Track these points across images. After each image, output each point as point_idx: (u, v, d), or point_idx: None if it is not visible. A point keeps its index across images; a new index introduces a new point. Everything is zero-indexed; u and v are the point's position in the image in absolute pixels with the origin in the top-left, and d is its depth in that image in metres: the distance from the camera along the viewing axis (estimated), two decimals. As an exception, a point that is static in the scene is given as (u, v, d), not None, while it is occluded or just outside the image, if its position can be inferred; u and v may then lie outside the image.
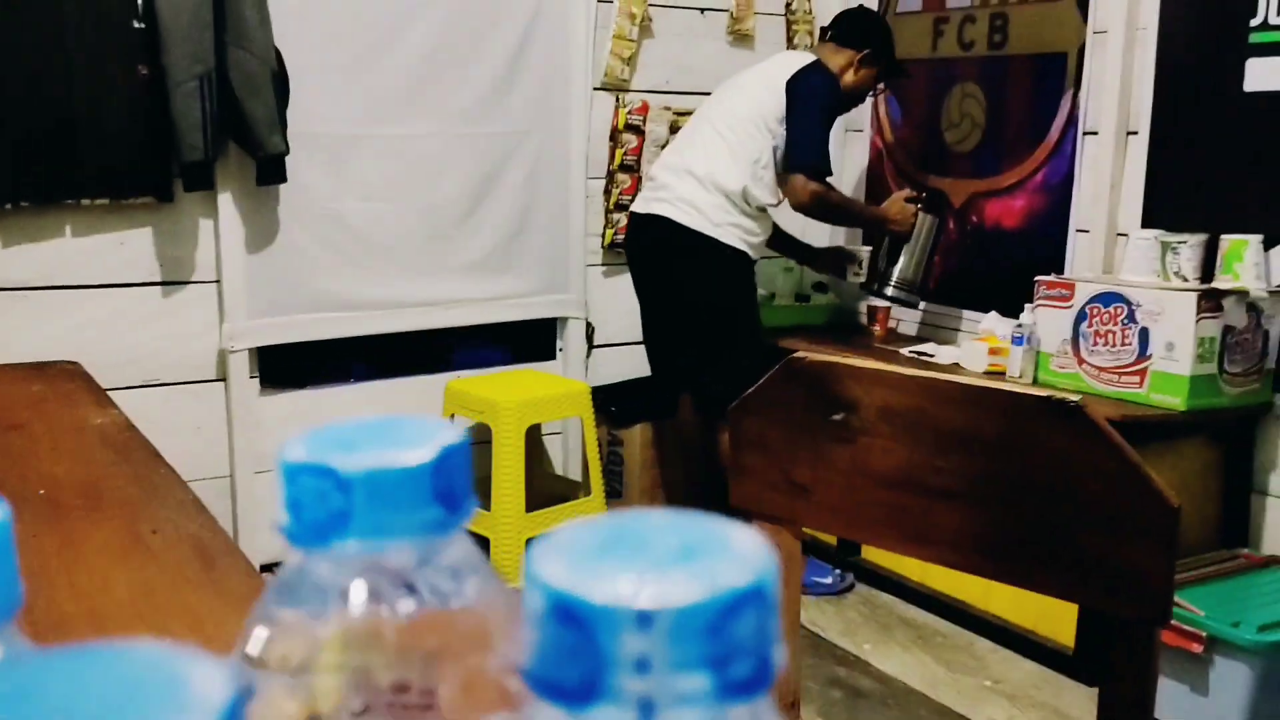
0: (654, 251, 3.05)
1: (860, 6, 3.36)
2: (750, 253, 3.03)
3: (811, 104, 2.96)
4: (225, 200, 2.90)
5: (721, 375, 2.98)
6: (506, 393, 3.10)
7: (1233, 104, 2.73)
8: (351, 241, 3.11)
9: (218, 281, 2.96)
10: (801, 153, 2.95)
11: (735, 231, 2.96)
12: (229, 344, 2.97)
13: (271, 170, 2.85)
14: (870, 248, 3.45)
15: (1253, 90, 2.70)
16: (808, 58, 3.07)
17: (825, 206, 3.04)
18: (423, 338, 3.34)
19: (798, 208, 3.01)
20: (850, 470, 1.29)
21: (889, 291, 3.28)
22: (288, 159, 2.88)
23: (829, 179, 3.03)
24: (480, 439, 3.30)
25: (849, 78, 3.09)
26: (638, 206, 3.11)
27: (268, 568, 3.14)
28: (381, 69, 3.08)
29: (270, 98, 2.77)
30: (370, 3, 3.03)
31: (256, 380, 3.08)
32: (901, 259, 3.28)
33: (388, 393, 3.29)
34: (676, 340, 3.09)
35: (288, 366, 3.15)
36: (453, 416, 3.22)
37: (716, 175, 2.94)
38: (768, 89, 2.98)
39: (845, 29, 3.14)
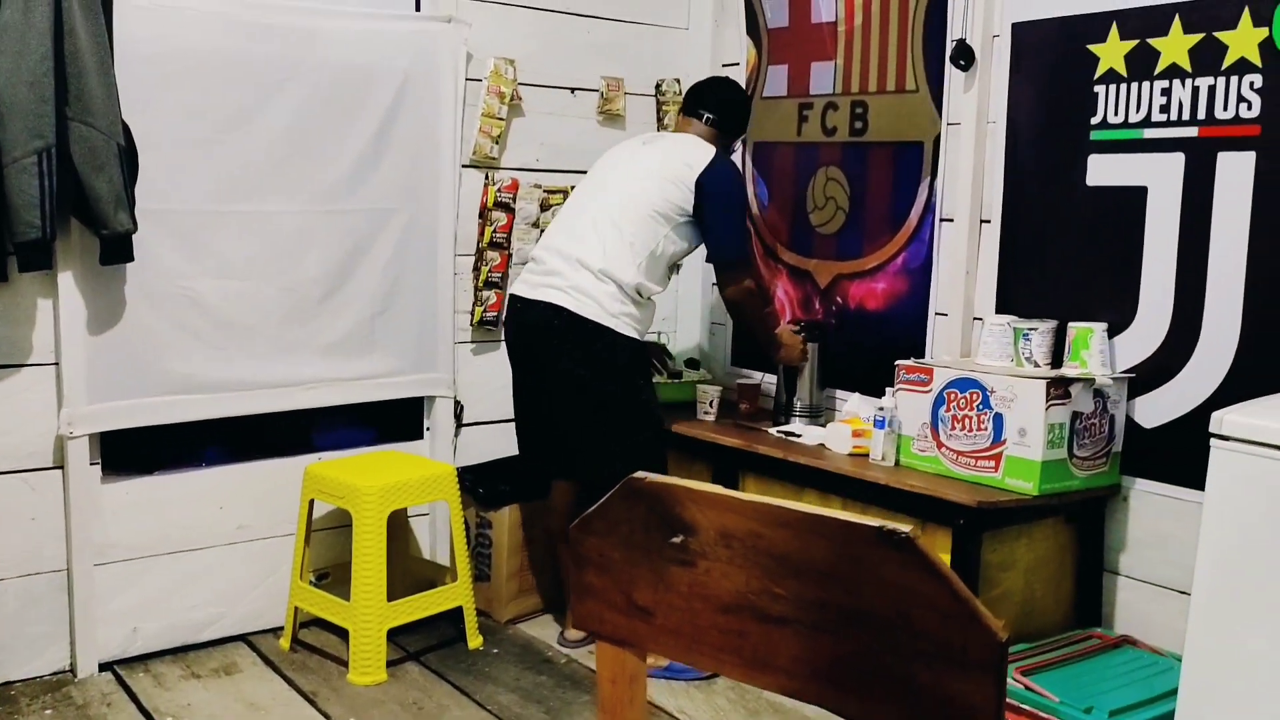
0: (543, 337, 2.99)
1: (731, 85, 3.29)
2: (640, 339, 3.04)
3: (732, 201, 3.06)
4: (66, 280, 2.77)
5: (626, 458, 2.95)
6: (368, 476, 3.01)
7: (1077, 197, 2.85)
8: (205, 321, 2.99)
9: (56, 364, 2.81)
10: (733, 250, 3.06)
11: (628, 320, 2.95)
12: (67, 429, 2.81)
13: (117, 249, 2.73)
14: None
15: (1095, 184, 2.82)
16: (704, 148, 3.04)
17: (754, 305, 3.16)
18: (282, 419, 3.22)
19: (732, 300, 3.10)
20: (690, 594, 1.26)
21: (795, 423, 3.32)
22: (137, 236, 2.76)
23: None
24: (341, 524, 3.19)
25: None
26: (522, 290, 3.04)
27: (106, 666, 2.96)
28: (240, 144, 2.99)
29: (116, 174, 2.66)
30: (229, 76, 2.95)
31: (98, 467, 2.91)
32: (799, 389, 3.36)
33: (242, 478, 3.16)
34: (570, 425, 3.04)
35: (134, 452, 2.99)
36: (311, 502, 3.11)
37: (613, 268, 2.91)
38: (673, 183, 2.97)
39: (725, 115, 3.16)
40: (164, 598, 3.05)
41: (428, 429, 3.50)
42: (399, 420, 3.47)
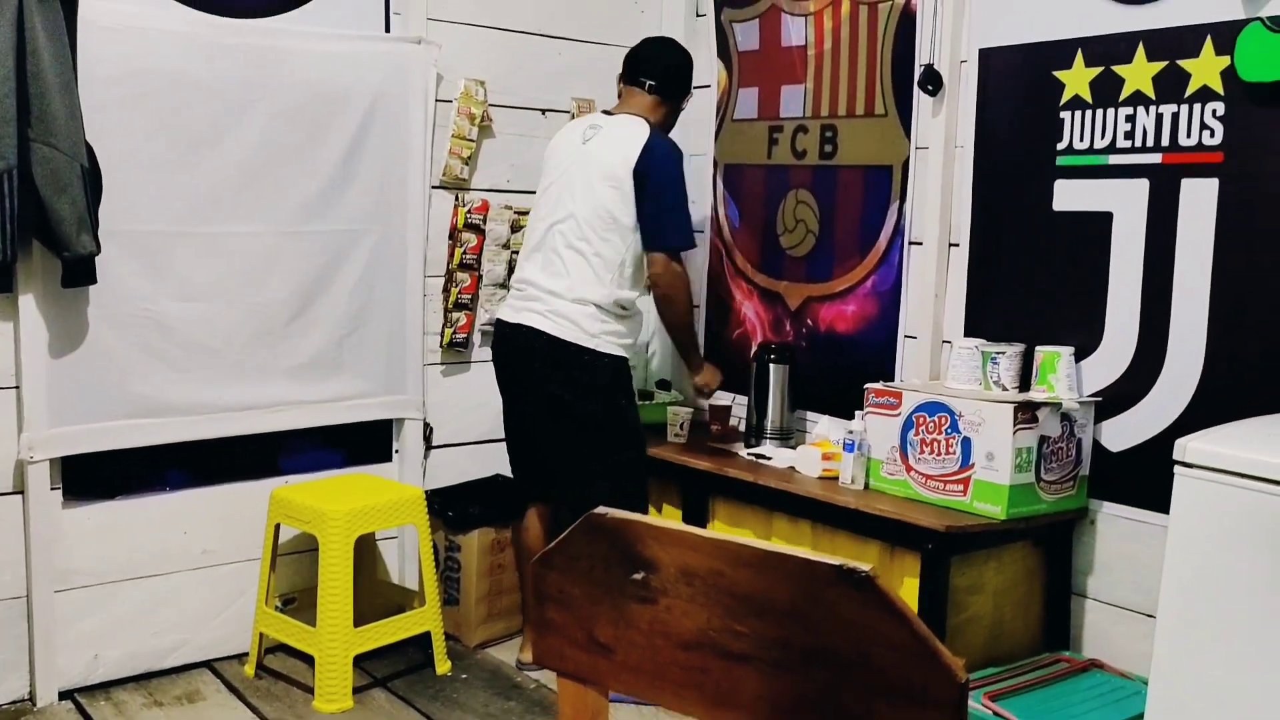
0: (525, 361, 2.99)
1: (670, 48, 3.18)
2: (626, 354, 3.02)
3: (665, 183, 2.92)
4: (27, 302, 2.73)
5: (609, 477, 2.96)
6: (335, 500, 2.98)
7: (1044, 222, 2.87)
8: (169, 343, 2.96)
9: (16, 388, 2.76)
10: (671, 235, 2.95)
11: (610, 339, 2.95)
12: (27, 454, 2.76)
13: (79, 271, 2.70)
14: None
15: (1061, 209, 2.84)
16: (638, 134, 2.94)
17: (686, 300, 3.03)
18: (248, 441, 3.19)
19: (665, 294, 2.98)
20: (652, 631, 1.25)
21: (765, 446, 3.31)
22: (100, 258, 2.73)
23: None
24: (308, 548, 3.16)
25: (669, 121, 3.14)
26: (506, 315, 3.04)
27: (67, 694, 2.91)
28: (206, 165, 2.97)
29: (79, 195, 2.63)
30: (194, 97, 2.92)
31: (59, 492, 2.87)
32: (770, 412, 3.35)
33: (207, 502, 3.12)
34: (553, 448, 3.04)
35: (96, 476, 2.95)
36: (277, 526, 3.07)
37: (585, 292, 2.91)
38: (614, 187, 2.92)
39: (668, 83, 3.08)
40: (126, 624, 3.00)
41: (396, 451, 3.48)
42: (367, 442, 3.44)
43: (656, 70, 3.08)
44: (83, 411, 2.85)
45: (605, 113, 3.10)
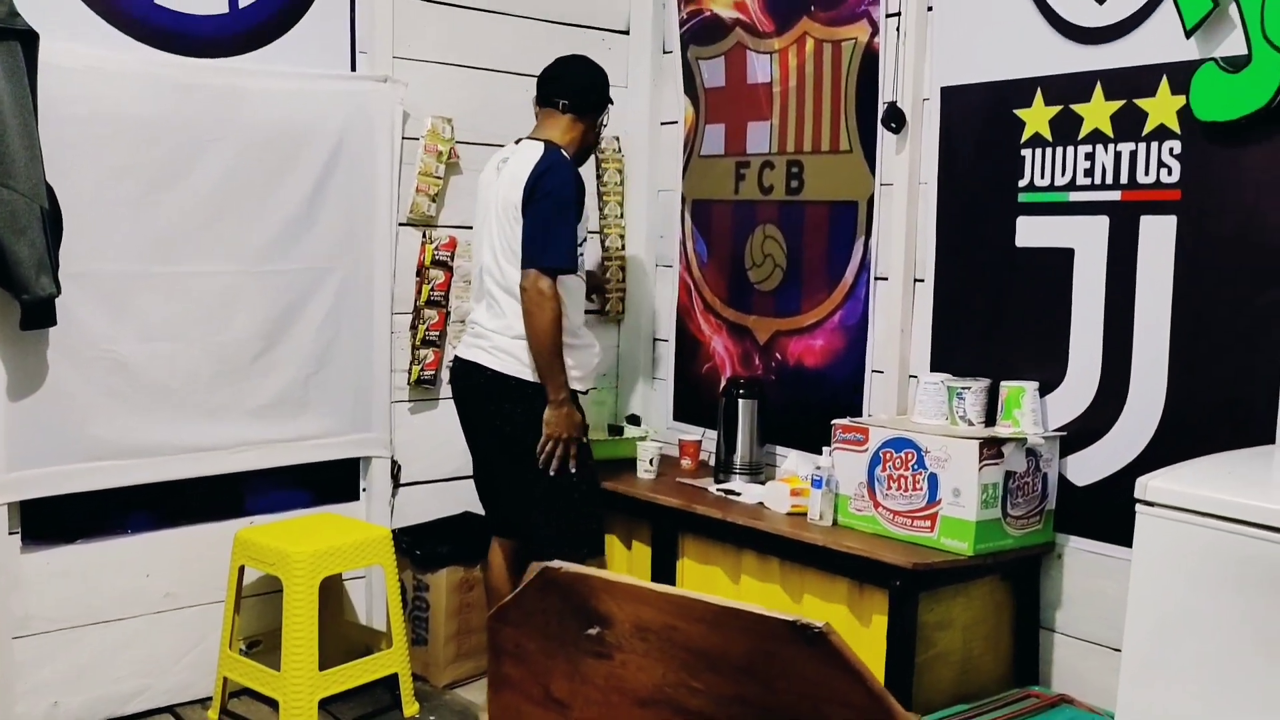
0: (476, 397, 2.98)
1: (580, 65, 3.11)
2: (578, 386, 2.95)
3: (548, 203, 2.82)
4: (-15, 345, 2.70)
5: (556, 514, 2.92)
6: (300, 542, 2.94)
7: (1007, 258, 2.89)
8: (131, 384, 2.93)
9: (-26, 432, 2.73)
10: (543, 254, 2.79)
11: None
12: (-15, 499, 2.72)
13: (38, 314, 2.67)
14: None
15: (1024, 245, 2.86)
16: (532, 156, 2.87)
17: (542, 319, 2.79)
18: (213, 482, 3.15)
19: (523, 305, 2.81)
20: (608, 687, 1.24)
21: (735, 481, 3.30)
22: (60, 299, 2.70)
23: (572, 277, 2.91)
24: (273, 589, 3.12)
25: (588, 139, 3.07)
26: (460, 351, 3.03)
27: (25, 744, 2.85)
28: (169, 204, 2.95)
29: (38, 237, 2.61)
30: (157, 137, 2.91)
31: (17, 536, 2.82)
32: (739, 447, 3.34)
33: (170, 544, 3.08)
34: (505, 484, 3.02)
35: (56, 520, 2.91)
36: (241, 568, 3.03)
37: (515, 327, 2.87)
38: (511, 214, 2.86)
39: (581, 100, 3.01)
40: (87, 670, 2.95)
41: (364, 490, 3.45)
42: (334, 481, 3.40)
43: (568, 88, 3.03)
44: (43, 454, 2.81)
45: (517, 140, 3.03)
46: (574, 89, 3.03)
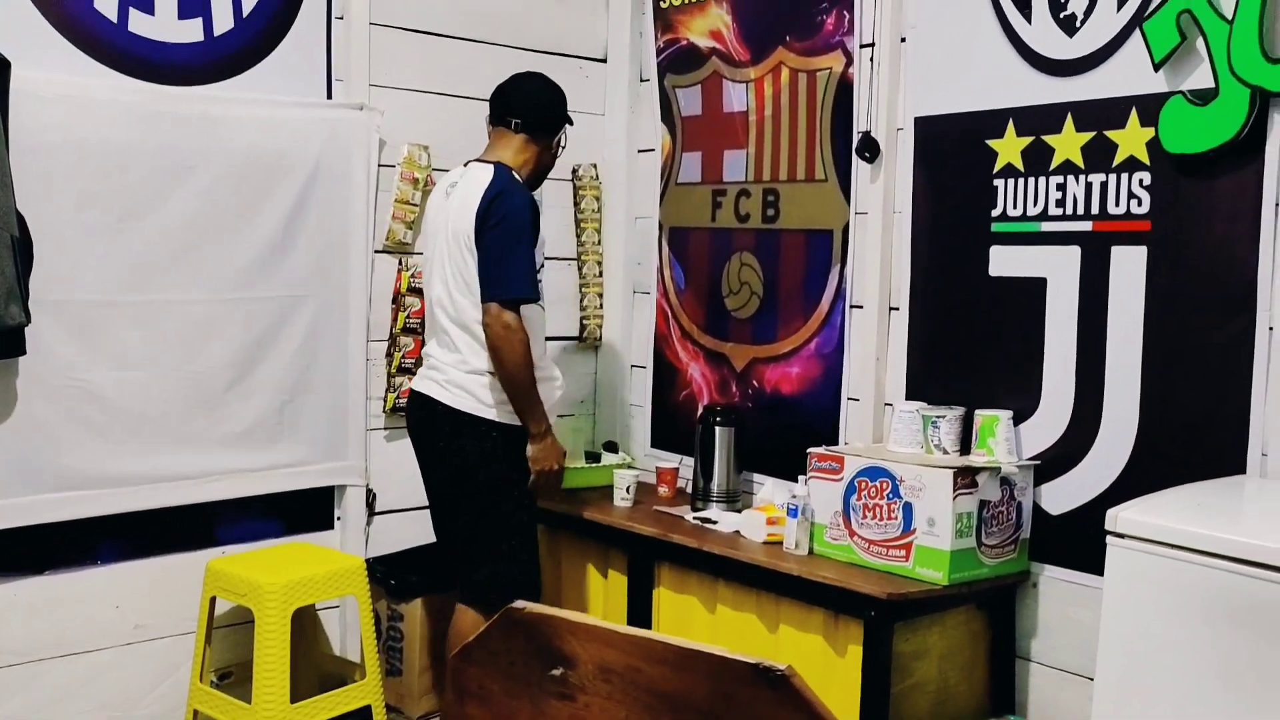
0: (428, 431, 2.94)
1: (535, 81, 3.04)
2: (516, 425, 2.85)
3: (501, 230, 2.73)
4: (-47, 374, 2.67)
5: (486, 559, 2.88)
6: (272, 572, 2.91)
7: (980, 287, 2.90)
8: (102, 414, 2.90)
9: (-59, 462, 2.70)
10: (504, 285, 2.71)
11: (507, 409, 2.84)
12: (-48, 531, 2.69)
13: (7, 343, 2.65)
14: None
15: (997, 275, 2.87)
16: (485, 174, 2.80)
17: (511, 354, 2.72)
18: (185, 512, 3.12)
19: (489, 342, 2.74)
20: (571, 728, 1.23)
21: (712, 509, 3.29)
22: (31, 328, 2.68)
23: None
24: (245, 620, 3.09)
25: (543, 160, 2.98)
26: (415, 384, 3.00)
27: (-10, 780, 2.81)
28: (142, 233, 2.93)
29: (8, 266, 2.59)
30: (130, 164, 2.90)
31: (-16, 568, 2.80)
32: (716, 474, 3.33)
33: (140, 575, 3.05)
34: (448, 519, 2.99)
35: (24, 551, 2.87)
36: (213, 599, 3.00)
37: (477, 364, 2.83)
38: (463, 242, 2.79)
39: (536, 120, 2.92)
40: (56, 703, 2.91)
41: (339, 518, 3.42)
42: (308, 510, 3.38)
43: (522, 107, 2.93)
44: (12, 485, 2.78)
45: (466, 163, 2.96)
46: (527, 107, 2.94)
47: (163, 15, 2.98)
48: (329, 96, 3.29)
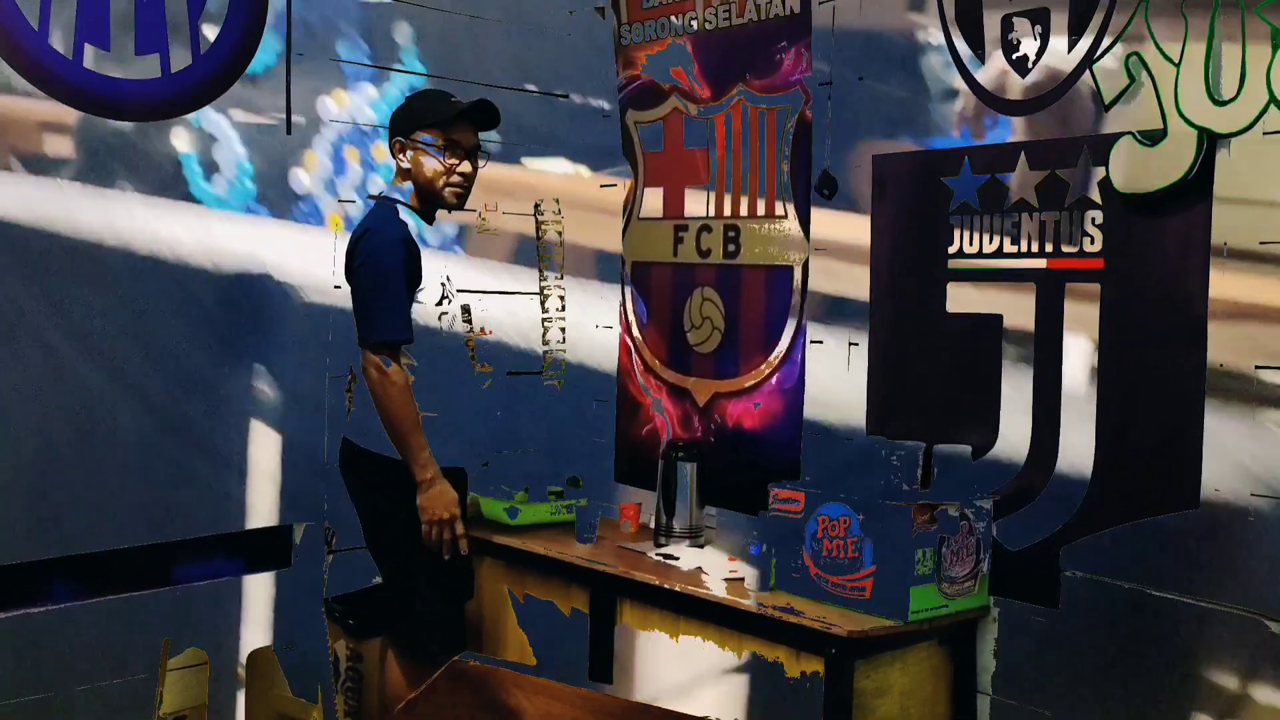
0: (342, 469, 2.99)
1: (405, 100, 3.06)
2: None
3: (366, 269, 2.70)
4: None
5: (404, 605, 2.85)
6: (228, 614, 2.87)
7: (938, 323, 2.92)
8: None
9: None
10: (371, 327, 2.67)
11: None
12: (-104, 575, 2.63)
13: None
14: None
15: (954, 311, 2.90)
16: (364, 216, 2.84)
17: (389, 401, 2.67)
18: (138, 551, 3.07)
19: (368, 385, 2.71)
20: (518, 784, 1.21)
21: (673, 546, 3.28)
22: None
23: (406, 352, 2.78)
24: (201, 661, 3.04)
25: (421, 176, 2.83)
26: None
27: (-66, 831, 2.73)
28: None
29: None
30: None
31: (-71, 613, 2.73)
32: (678, 510, 3.31)
33: (93, 616, 2.99)
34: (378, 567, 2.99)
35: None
36: (167, 642, 2.95)
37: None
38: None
39: (392, 130, 2.85)
40: (2, 750, 2.85)
41: (295, 557, 3.38)
42: (265, 548, 3.33)
43: (390, 124, 2.87)
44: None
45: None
46: (390, 122, 2.84)
47: (119, 51, 2.96)
48: (288, 133, 3.28)
